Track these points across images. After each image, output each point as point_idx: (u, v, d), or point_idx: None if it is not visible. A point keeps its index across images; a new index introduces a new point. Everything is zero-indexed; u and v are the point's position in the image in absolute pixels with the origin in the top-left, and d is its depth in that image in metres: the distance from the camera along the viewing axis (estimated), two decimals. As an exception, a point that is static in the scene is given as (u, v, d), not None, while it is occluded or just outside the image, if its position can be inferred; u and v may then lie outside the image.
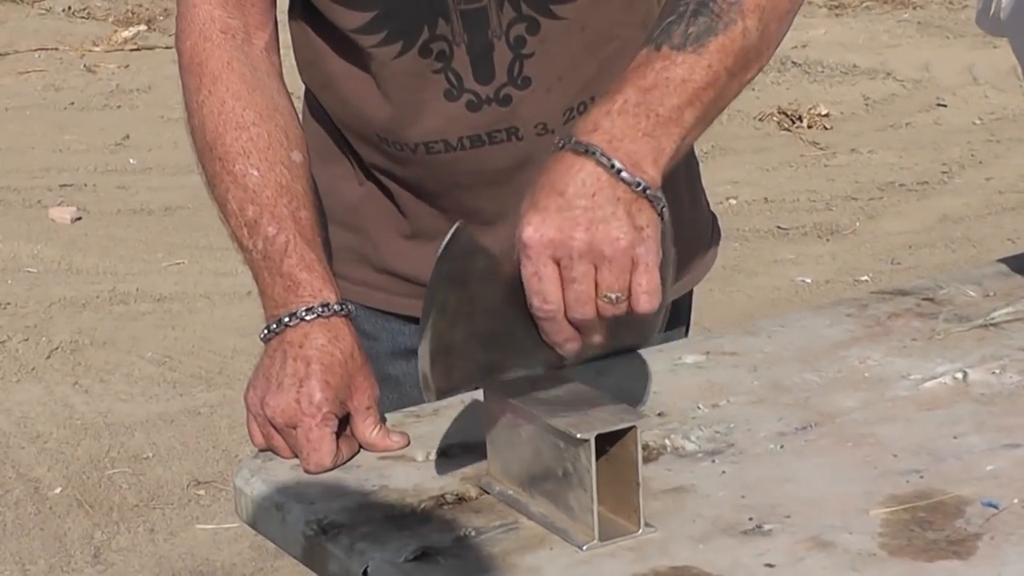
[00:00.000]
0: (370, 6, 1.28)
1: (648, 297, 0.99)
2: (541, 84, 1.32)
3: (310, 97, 1.42)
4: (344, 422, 1.20)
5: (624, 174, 1.01)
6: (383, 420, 1.22)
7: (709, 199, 1.52)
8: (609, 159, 1.01)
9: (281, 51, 1.41)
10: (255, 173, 1.26)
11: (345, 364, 1.18)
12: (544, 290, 1.01)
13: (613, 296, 1.00)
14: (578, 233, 0.99)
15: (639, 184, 1.00)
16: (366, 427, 1.19)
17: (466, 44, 1.29)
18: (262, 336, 1.22)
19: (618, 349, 1.15)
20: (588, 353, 1.10)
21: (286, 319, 1.19)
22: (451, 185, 1.32)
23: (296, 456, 1.18)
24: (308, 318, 1.19)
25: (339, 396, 1.18)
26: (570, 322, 1.02)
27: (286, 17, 1.44)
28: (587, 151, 1.01)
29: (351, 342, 1.19)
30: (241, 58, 1.29)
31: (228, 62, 1.27)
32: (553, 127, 1.31)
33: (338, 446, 1.18)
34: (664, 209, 1.02)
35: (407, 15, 1.29)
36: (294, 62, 1.44)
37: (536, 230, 1.00)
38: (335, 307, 1.20)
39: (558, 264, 1.00)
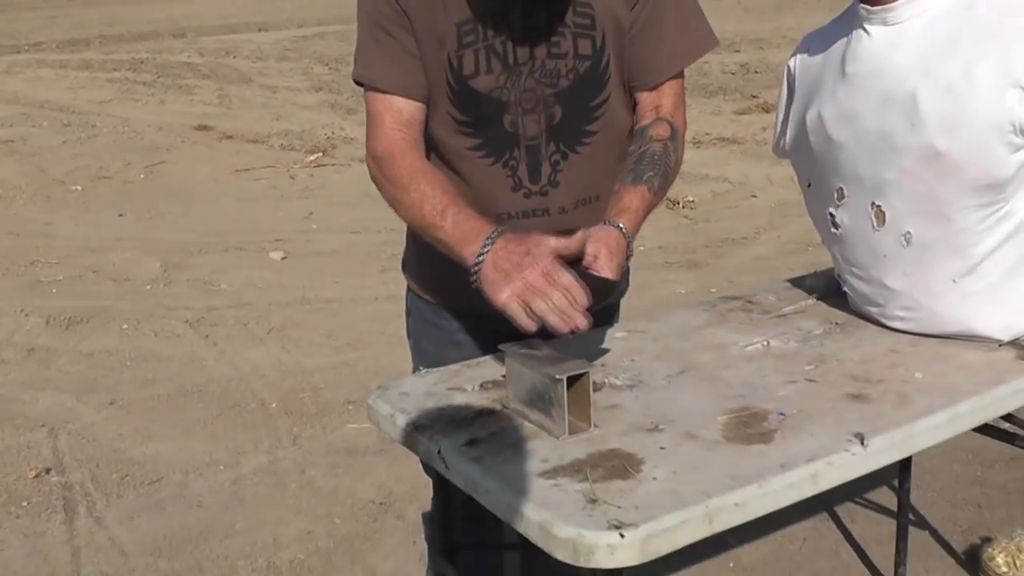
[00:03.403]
0: (479, 136, 1.73)
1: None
2: (564, 186, 1.76)
3: None
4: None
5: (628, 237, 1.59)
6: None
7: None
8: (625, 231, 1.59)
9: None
10: (439, 191, 1.62)
11: (525, 235, 1.49)
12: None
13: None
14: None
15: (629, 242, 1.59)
16: (552, 242, 1.46)
17: (526, 162, 1.74)
18: (478, 258, 1.48)
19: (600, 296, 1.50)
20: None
21: (489, 238, 1.49)
22: None
23: (553, 315, 1.40)
24: (496, 235, 1.51)
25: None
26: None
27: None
28: (619, 228, 1.59)
29: (517, 232, 1.51)
30: (421, 155, 1.69)
31: (418, 157, 1.67)
32: (568, 210, 1.76)
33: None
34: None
35: (499, 144, 1.73)
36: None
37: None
38: (500, 230, 1.52)
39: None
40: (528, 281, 1.42)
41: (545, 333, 1.46)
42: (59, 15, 24.96)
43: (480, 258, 1.48)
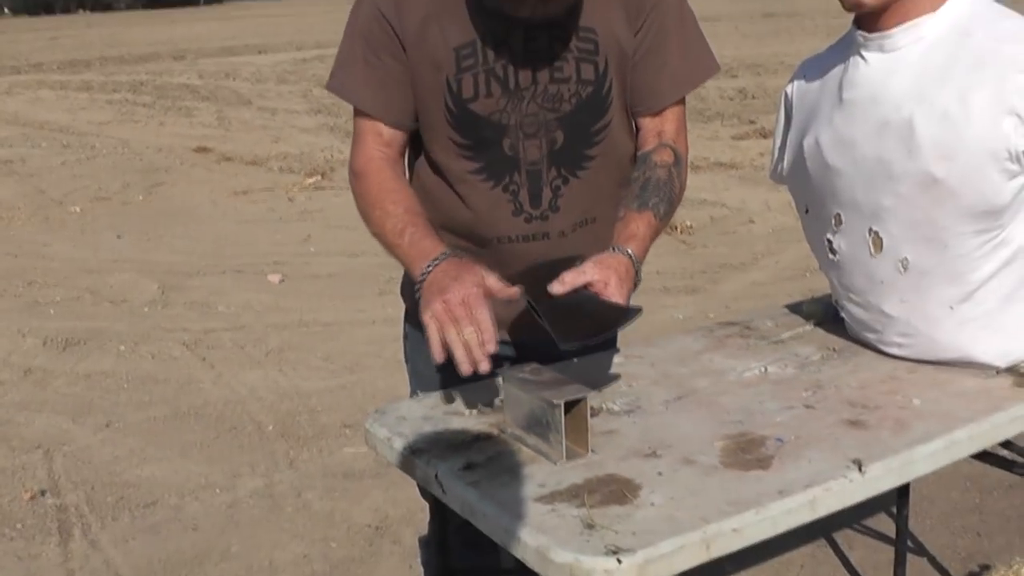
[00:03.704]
0: (479, 160, 1.75)
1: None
2: (564, 210, 1.78)
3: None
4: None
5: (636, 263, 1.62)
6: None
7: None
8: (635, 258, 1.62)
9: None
10: (401, 210, 1.68)
11: (467, 263, 1.55)
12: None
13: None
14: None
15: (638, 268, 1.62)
16: (489, 279, 1.52)
17: (527, 187, 1.76)
18: (421, 276, 1.57)
19: (602, 330, 1.54)
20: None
21: (435, 259, 1.57)
22: (504, 260, 1.72)
23: (460, 350, 1.44)
24: (442, 258, 1.57)
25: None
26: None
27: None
28: (627, 255, 1.62)
29: (462, 259, 1.57)
30: (395, 174, 1.74)
31: (391, 176, 1.73)
32: (567, 233, 1.79)
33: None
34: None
35: (499, 168, 1.75)
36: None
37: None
38: (448, 253, 1.59)
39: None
40: (448, 304, 1.47)
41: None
42: (60, 36, 25.02)
43: (423, 276, 1.56)
